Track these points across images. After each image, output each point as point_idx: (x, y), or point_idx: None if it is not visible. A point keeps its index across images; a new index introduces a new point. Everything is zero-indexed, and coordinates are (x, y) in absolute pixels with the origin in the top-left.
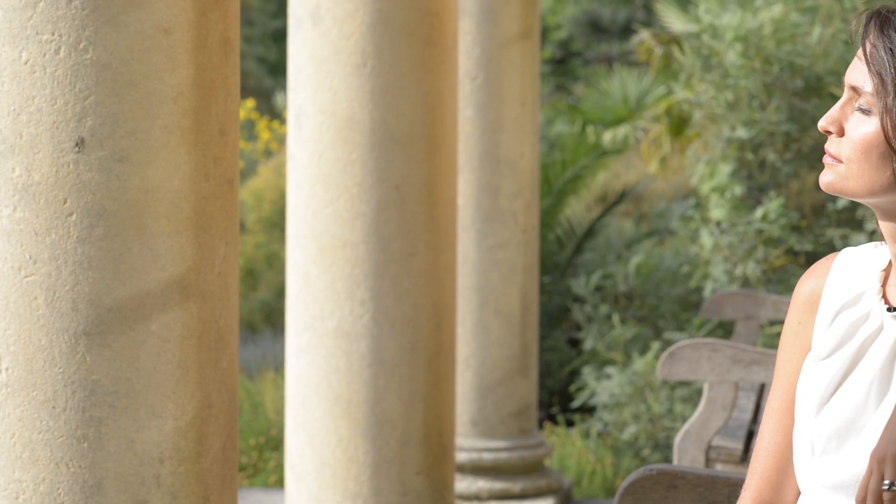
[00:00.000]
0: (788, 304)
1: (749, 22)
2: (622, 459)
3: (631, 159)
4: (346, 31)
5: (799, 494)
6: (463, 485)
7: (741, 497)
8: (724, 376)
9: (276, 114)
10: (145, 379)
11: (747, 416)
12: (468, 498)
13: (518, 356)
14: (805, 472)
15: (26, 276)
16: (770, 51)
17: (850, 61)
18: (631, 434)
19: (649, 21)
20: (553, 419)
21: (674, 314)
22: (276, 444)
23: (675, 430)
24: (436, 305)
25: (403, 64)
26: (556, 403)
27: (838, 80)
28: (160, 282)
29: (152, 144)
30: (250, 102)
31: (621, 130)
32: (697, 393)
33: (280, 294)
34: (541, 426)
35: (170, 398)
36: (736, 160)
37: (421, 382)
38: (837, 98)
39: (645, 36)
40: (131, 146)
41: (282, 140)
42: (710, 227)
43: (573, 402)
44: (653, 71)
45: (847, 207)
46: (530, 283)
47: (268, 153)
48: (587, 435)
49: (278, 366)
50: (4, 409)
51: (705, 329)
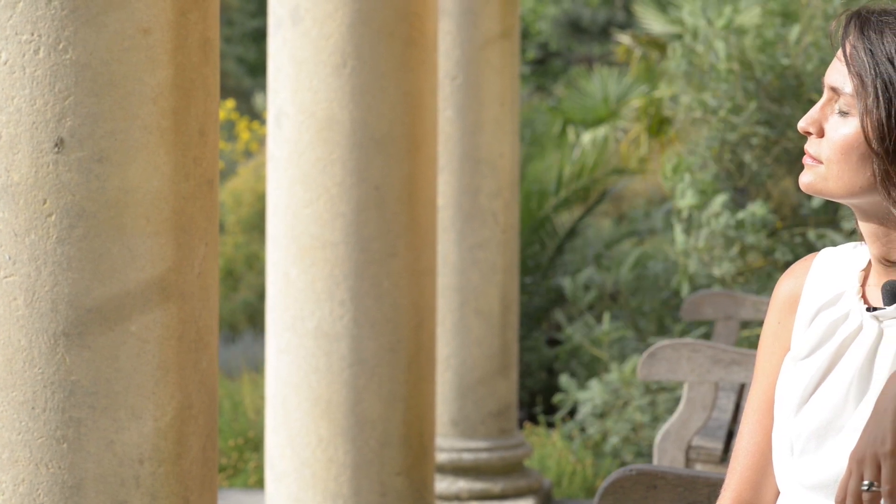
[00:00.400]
0: (768, 304)
1: (735, 21)
2: (603, 460)
3: (610, 160)
4: (326, 31)
5: (778, 494)
6: (443, 485)
7: (720, 497)
8: (704, 376)
9: (256, 114)
10: (125, 380)
11: (727, 417)
12: (448, 498)
13: (498, 356)
14: (784, 472)
15: (6, 277)
16: (751, 54)
17: (829, 63)
18: (613, 445)
19: (629, 22)
20: (534, 419)
21: (658, 316)
22: (257, 444)
23: None
24: (416, 305)
25: (383, 64)
26: (538, 403)
27: (817, 81)
28: (140, 282)
29: (132, 145)
30: (230, 103)
31: (601, 131)
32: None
33: (261, 295)
34: (521, 426)
35: (149, 399)
36: (714, 160)
37: (401, 382)
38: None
39: (624, 39)
40: (111, 146)
41: (262, 140)
42: (683, 224)
43: (557, 413)
44: (633, 72)
45: (825, 208)
46: (510, 283)
47: (248, 154)
48: (570, 437)
49: (259, 366)
50: None
51: (693, 335)
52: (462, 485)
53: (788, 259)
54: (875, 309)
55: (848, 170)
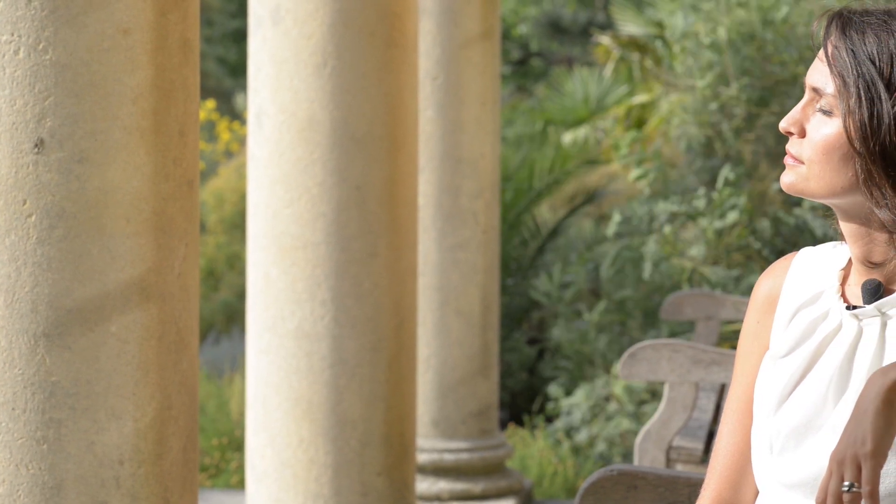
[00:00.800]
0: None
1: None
2: (584, 461)
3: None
4: (306, 31)
5: (758, 493)
6: (424, 485)
7: (700, 497)
8: (685, 377)
9: (236, 114)
10: (105, 380)
11: (707, 417)
12: (429, 499)
13: (479, 356)
14: (763, 471)
15: None
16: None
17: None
18: (598, 452)
19: (609, 23)
20: (519, 421)
21: (643, 312)
22: (239, 444)
23: None
24: (397, 305)
25: (364, 64)
26: (520, 404)
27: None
28: (120, 283)
29: (112, 145)
30: (210, 103)
31: (581, 131)
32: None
33: (242, 295)
34: (503, 427)
35: (129, 399)
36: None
37: (382, 383)
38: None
39: (604, 39)
40: (91, 147)
41: (242, 141)
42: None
43: (542, 415)
44: (612, 73)
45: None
46: (491, 283)
47: (228, 154)
48: (557, 442)
49: (244, 366)
50: None
51: (686, 337)
52: (443, 485)
53: (765, 249)
54: (855, 307)
55: (830, 170)
